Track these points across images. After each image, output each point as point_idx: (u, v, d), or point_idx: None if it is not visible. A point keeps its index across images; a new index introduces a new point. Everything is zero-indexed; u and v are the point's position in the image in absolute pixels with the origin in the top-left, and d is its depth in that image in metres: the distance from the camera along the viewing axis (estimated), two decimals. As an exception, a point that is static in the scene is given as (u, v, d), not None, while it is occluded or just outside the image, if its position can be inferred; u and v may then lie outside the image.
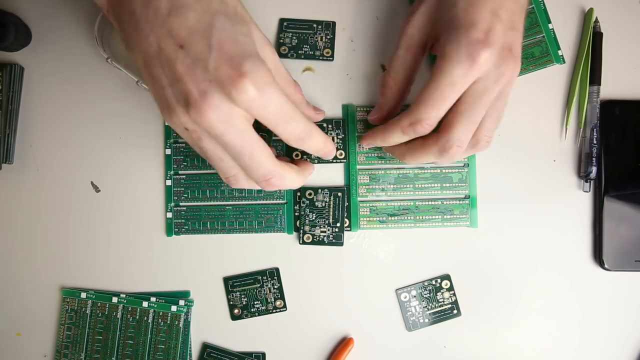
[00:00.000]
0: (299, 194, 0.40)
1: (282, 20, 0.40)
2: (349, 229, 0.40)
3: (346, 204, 0.40)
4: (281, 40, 0.40)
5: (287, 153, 0.40)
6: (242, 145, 0.30)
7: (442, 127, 0.33)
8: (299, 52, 0.40)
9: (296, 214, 0.40)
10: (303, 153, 0.40)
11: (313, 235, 0.40)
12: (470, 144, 0.33)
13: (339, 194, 0.40)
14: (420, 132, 0.33)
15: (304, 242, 0.40)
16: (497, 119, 0.33)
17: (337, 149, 0.40)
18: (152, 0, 0.28)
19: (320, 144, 0.33)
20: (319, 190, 0.40)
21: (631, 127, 0.40)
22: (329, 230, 0.40)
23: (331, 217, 0.40)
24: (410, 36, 0.34)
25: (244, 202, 0.40)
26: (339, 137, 0.40)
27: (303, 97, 0.37)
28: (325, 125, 0.40)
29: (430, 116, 0.32)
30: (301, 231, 0.40)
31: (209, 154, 0.31)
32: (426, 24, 0.34)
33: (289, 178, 0.33)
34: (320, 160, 0.40)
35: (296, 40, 0.40)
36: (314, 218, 0.40)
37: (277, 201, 0.40)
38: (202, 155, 0.31)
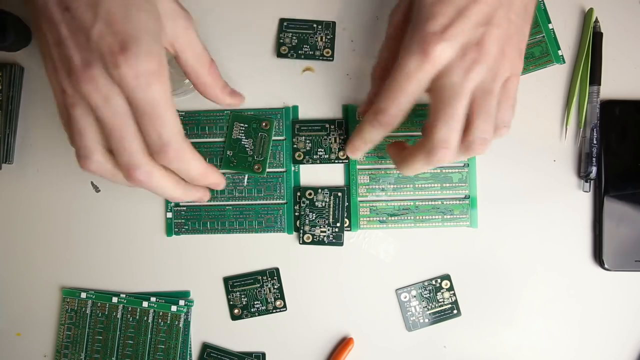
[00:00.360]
0: (299, 193, 0.40)
1: (282, 20, 0.40)
2: (349, 229, 0.40)
3: (346, 203, 0.40)
4: (281, 40, 0.40)
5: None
6: (114, 125, 0.28)
7: (426, 130, 0.32)
8: (299, 52, 0.40)
9: (296, 214, 0.40)
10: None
11: (313, 235, 0.40)
12: (463, 146, 0.31)
13: (339, 194, 0.40)
14: (384, 123, 0.32)
15: (304, 242, 0.40)
16: (488, 117, 0.31)
17: (339, 150, 0.40)
18: None
19: (194, 167, 0.32)
20: (319, 190, 0.40)
21: (631, 127, 0.40)
22: (329, 230, 0.40)
23: (331, 217, 0.40)
24: (394, 24, 0.34)
25: (244, 202, 0.40)
26: (340, 137, 0.40)
27: (218, 78, 0.34)
28: (327, 125, 0.40)
29: (390, 106, 0.31)
30: (301, 231, 0.40)
31: (72, 123, 0.29)
32: (407, 13, 0.33)
33: (159, 180, 0.31)
34: (321, 162, 0.40)
35: (296, 40, 0.40)
36: (314, 218, 0.40)
37: (277, 201, 0.40)
38: (64, 123, 0.30)
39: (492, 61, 0.30)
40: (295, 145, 0.40)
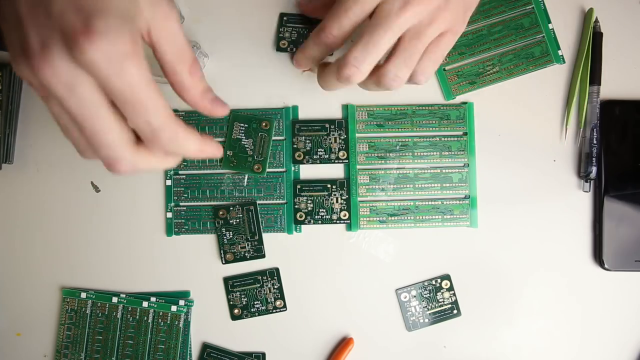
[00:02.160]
0: (221, 212, 0.40)
1: (282, 15, 0.40)
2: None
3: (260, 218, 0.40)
4: (281, 35, 0.40)
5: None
6: (83, 118, 0.24)
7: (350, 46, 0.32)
8: (299, 46, 0.40)
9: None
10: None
11: (234, 252, 0.40)
12: (375, 75, 0.33)
13: (251, 207, 0.40)
14: (325, 42, 0.33)
15: (227, 262, 0.40)
16: (408, 59, 0.32)
17: (339, 150, 0.40)
18: None
19: (190, 146, 0.28)
20: (231, 208, 0.40)
21: (631, 127, 0.40)
22: (248, 245, 0.40)
23: (248, 232, 0.40)
24: None
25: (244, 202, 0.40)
26: (341, 137, 0.40)
27: (199, 80, 0.28)
28: (327, 125, 0.40)
29: (334, 27, 0.32)
30: (222, 251, 0.40)
31: (56, 119, 0.26)
32: None
33: (145, 165, 0.27)
34: (321, 162, 0.40)
35: (296, 35, 0.40)
36: (231, 236, 0.40)
37: (277, 201, 0.40)
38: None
39: (432, 7, 0.31)
40: (295, 145, 0.40)
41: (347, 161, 0.40)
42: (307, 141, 0.40)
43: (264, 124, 0.40)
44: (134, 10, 0.25)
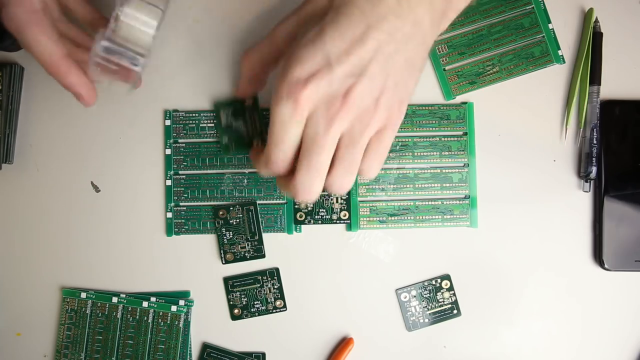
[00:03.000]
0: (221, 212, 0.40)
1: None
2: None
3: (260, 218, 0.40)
4: (297, 206, 0.40)
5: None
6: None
7: (295, 169, 0.31)
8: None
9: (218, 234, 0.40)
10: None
11: (234, 253, 0.40)
12: (324, 185, 0.32)
13: (251, 207, 0.40)
14: (276, 171, 0.32)
15: (227, 262, 0.40)
16: (348, 167, 0.31)
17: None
18: None
19: (75, 86, 0.34)
20: (231, 208, 0.40)
21: (631, 127, 0.40)
22: (248, 245, 0.40)
23: (247, 231, 0.40)
24: (274, 36, 0.33)
25: (243, 202, 0.40)
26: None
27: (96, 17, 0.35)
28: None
29: (276, 156, 0.31)
30: (222, 251, 0.40)
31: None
32: (291, 33, 0.32)
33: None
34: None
35: (312, 206, 0.40)
36: (231, 236, 0.40)
37: (277, 201, 0.40)
38: None
39: (358, 113, 0.29)
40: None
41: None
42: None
43: (247, 101, 0.39)
44: None
